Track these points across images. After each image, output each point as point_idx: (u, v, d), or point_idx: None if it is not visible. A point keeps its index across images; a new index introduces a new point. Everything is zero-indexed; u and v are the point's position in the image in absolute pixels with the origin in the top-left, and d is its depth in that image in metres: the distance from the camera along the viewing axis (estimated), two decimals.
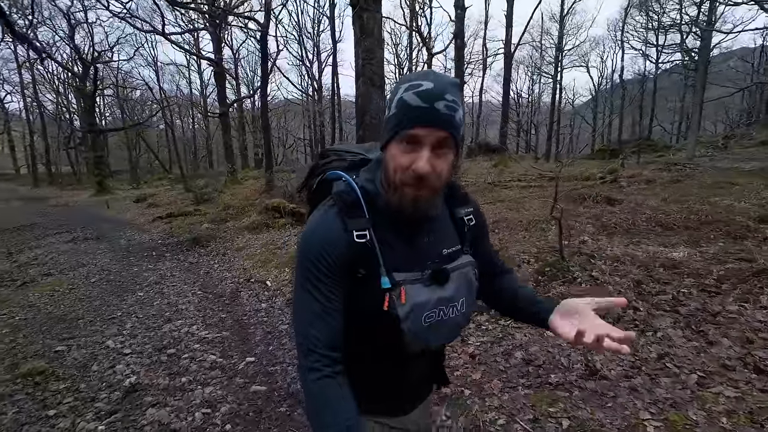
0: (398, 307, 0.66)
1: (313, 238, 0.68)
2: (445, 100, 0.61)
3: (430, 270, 0.70)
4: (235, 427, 1.85)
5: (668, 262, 3.35)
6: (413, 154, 0.62)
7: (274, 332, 3.07)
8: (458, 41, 11.16)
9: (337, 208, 0.68)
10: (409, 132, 0.61)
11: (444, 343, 0.78)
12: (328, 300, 0.66)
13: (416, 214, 0.68)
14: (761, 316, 2.21)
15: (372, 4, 4.80)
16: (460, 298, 0.73)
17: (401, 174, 0.64)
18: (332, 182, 0.74)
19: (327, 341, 0.65)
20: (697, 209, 6.16)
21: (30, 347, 2.87)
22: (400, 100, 0.62)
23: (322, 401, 0.64)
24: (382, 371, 0.76)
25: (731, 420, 1.45)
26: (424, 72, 0.65)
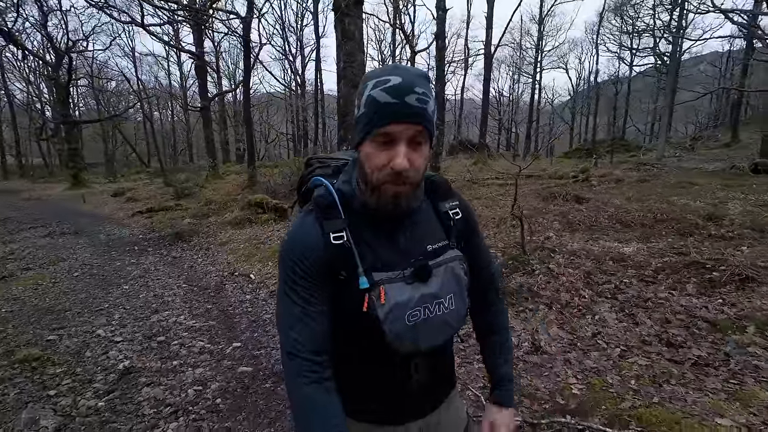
0: (378, 307, 0.65)
1: (291, 243, 0.68)
2: (415, 93, 0.60)
3: (412, 267, 0.69)
4: (225, 401, 2.08)
5: (618, 256, 3.73)
6: (389, 151, 0.62)
7: (258, 321, 3.29)
8: (439, 42, 11.44)
9: (314, 214, 0.69)
10: (382, 129, 0.60)
11: (436, 343, 0.73)
12: (308, 303, 0.66)
13: (396, 210, 0.68)
14: (684, 302, 2.58)
15: (353, 9, 5.01)
16: (447, 295, 0.71)
17: (378, 172, 0.63)
18: (314, 189, 0.75)
19: (310, 345, 0.65)
20: (656, 208, 6.65)
21: (21, 336, 3.00)
22: (369, 97, 0.61)
23: (308, 408, 0.64)
24: (371, 374, 0.74)
25: (638, 382, 1.79)
26: (390, 66, 0.63)
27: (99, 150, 28.05)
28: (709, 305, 2.48)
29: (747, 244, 4.22)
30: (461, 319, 0.74)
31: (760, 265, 3.10)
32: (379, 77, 0.61)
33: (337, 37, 5.21)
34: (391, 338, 0.66)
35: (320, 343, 0.66)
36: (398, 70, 0.62)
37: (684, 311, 2.39)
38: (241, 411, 1.99)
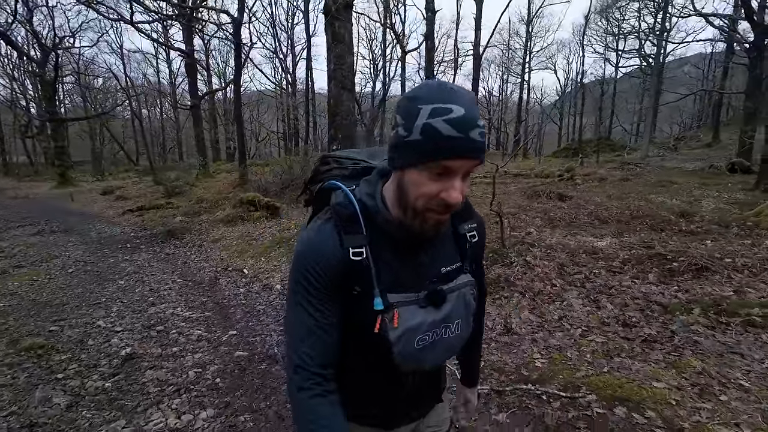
0: (389, 330, 0.65)
1: (308, 252, 0.66)
2: (478, 126, 0.58)
3: (426, 291, 0.68)
4: (223, 380, 2.27)
5: (591, 249, 3.99)
6: (442, 182, 0.59)
7: (252, 312, 3.46)
8: (429, 43, 11.67)
9: (333, 222, 0.67)
10: (443, 163, 0.57)
11: (437, 364, 0.75)
12: (322, 315, 0.65)
13: (437, 234, 0.68)
14: (644, 289, 2.84)
15: (343, 13, 5.18)
16: (456, 320, 0.71)
17: (426, 201, 0.61)
18: (331, 192, 0.73)
19: (319, 359, 0.65)
20: (633, 205, 6.98)
21: (23, 328, 3.13)
22: (428, 126, 0.56)
23: (313, 421, 0.63)
24: (374, 385, 0.75)
25: (593, 356, 2.02)
26: (445, 89, 0.58)
27: (85, 148, 27.67)
28: (666, 291, 2.74)
29: (711, 238, 4.53)
30: (464, 342, 0.75)
31: (716, 256, 3.38)
32: (437, 104, 0.56)
33: (327, 39, 5.39)
34: (399, 360, 0.66)
35: (329, 356, 0.66)
36: (457, 97, 0.57)
37: (642, 297, 2.65)
38: (239, 389, 2.17)
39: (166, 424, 1.85)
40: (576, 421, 1.54)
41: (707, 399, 1.59)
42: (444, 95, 0.57)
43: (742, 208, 6.39)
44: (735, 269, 3.04)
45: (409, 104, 0.59)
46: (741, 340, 2.02)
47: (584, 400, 1.65)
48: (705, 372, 1.75)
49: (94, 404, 2.04)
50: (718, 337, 2.06)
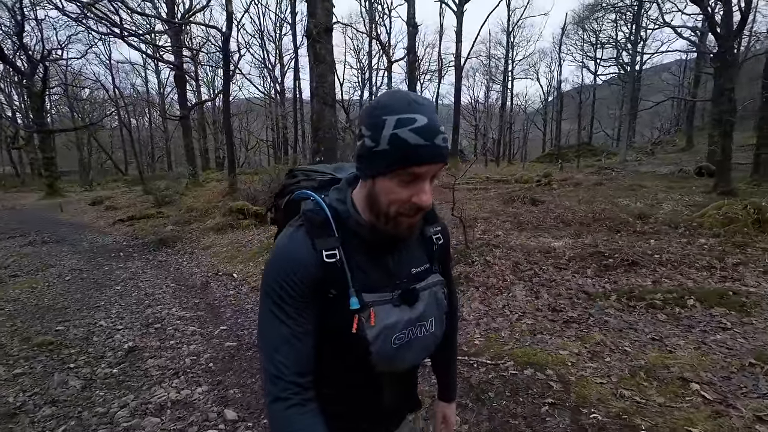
0: (367, 329, 0.66)
1: (281, 258, 0.67)
2: (441, 133, 0.61)
3: (399, 290, 0.70)
4: (216, 364, 2.64)
5: (547, 249, 4.46)
6: (412, 187, 0.62)
7: (241, 310, 3.83)
8: (410, 56, 12.22)
9: (305, 228, 0.68)
10: (412, 170, 0.61)
11: (413, 364, 0.77)
12: (296, 323, 0.65)
13: (409, 237, 0.71)
14: (580, 281, 3.30)
15: (324, 37, 5.63)
16: (430, 318, 0.73)
17: (399, 206, 0.64)
18: (300, 202, 0.74)
19: (295, 367, 0.64)
20: (599, 209, 7.50)
21: (31, 329, 3.45)
22: (395, 137, 0.60)
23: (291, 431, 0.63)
24: (353, 390, 0.76)
25: (521, 335, 2.46)
26: (406, 100, 0.62)
27: (72, 158, 27.59)
28: (597, 283, 3.21)
29: (656, 237, 5.05)
30: (438, 340, 0.77)
31: (648, 253, 3.88)
32: (402, 115, 0.60)
33: (310, 60, 5.83)
34: (376, 359, 0.67)
35: (305, 364, 0.66)
36: (419, 107, 0.61)
37: (576, 288, 3.11)
38: (229, 370, 2.56)
39: (168, 397, 2.22)
40: (494, 380, 1.97)
41: (595, 361, 2.03)
42: (406, 106, 0.61)
43: (695, 209, 6.95)
44: (660, 264, 3.53)
45: (374, 115, 0.62)
46: (640, 319, 2.48)
47: (504, 365, 2.08)
48: (602, 342, 2.20)
49: (105, 385, 2.40)
50: (624, 317, 2.52)
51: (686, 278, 3.16)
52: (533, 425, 1.63)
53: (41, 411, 2.11)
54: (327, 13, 5.62)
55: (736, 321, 2.37)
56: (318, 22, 5.52)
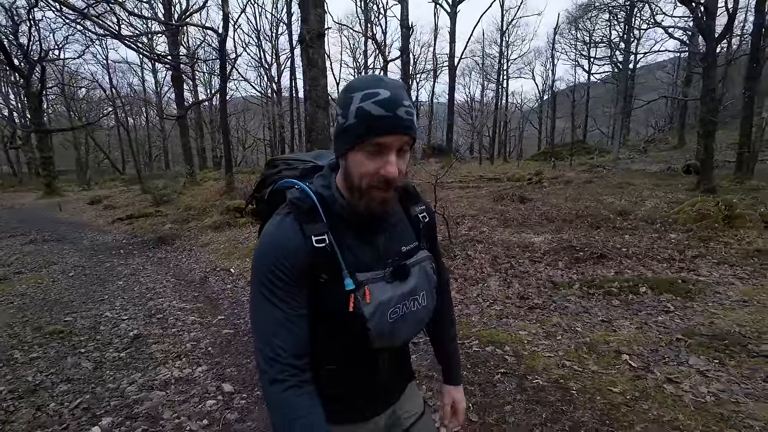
0: (363, 306, 0.67)
1: (271, 246, 0.68)
2: (404, 106, 0.64)
3: (391, 267, 0.72)
4: (214, 348, 2.90)
5: (526, 244, 4.74)
6: (379, 159, 0.64)
7: (238, 302, 4.09)
8: (404, 56, 12.47)
9: (293, 215, 0.70)
10: (375, 140, 0.63)
11: (408, 338, 0.79)
12: (290, 307, 0.66)
13: (383, 213, 0.72)
14: (551, 273, 3.58)
15: (316, 42, 5.88)
16: (421, 291, 0.76)
17: (369, 179, 0.66)
18: (285, 191, 0.75)
19: (292, 350, 0.65)
20: (583, 206, 7.77)
21: (41, 319, 3.70)
22: (360, 109, 0.63)
23: (289, 413, 0.63)
24: (349, 369, 0.78)
25: (489, 319, 2.73)
26: (372, 78, 0.66)
27: (69, 157, 27.69)
28: (566, 274, 3.48)
29: (631, 233, 5.33)
30: (431, 313, 0.80)
31: (616, 247, 4.16)
32: (365, 89, 0.64)
33: (303, 63, 6.07)
34: (374, 335, 0.69)
35: (301, 346, 0.67)
36: (382, 82, 0.65)
37: (546, 278, 3.38)
38: (226, 353, 2.82)
39: (171, 375, 2.48)
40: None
41: (549, 339, 2.30)
42: (372, 83, 0.64)
43: (676, 206, 7.22)
44: (626, 256, 3.81)
45: (345, 95, 0.66)
46: (597, 304, 2.76)
47: (469, 344, 2.35)
48: (558, 324, 2.47)
49: (114, 366, 2.66)
50: (582, 303, 2.79)
51: (647, 269, 3.44)
52: (486, 390, 1.90)
53: (58, 387, 2.37)
54: (319, 20, 5.86)
55: (680, 305, 2.65)
56: (311, 28, 5.76)
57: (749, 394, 1.67)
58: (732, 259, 3.56)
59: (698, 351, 2.00)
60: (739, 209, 5.65)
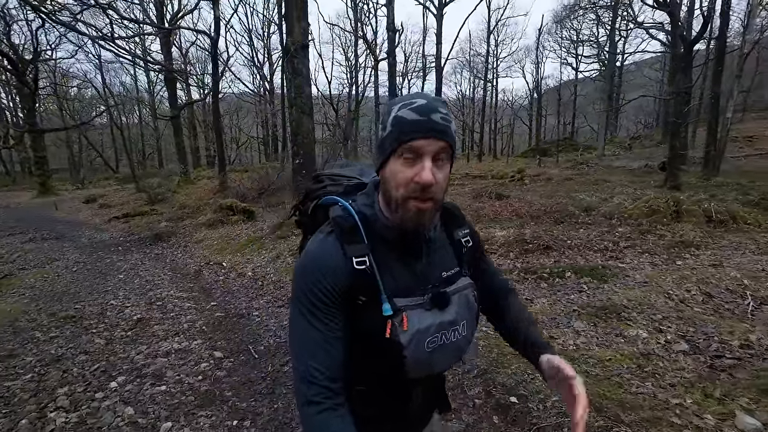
0: (400, 334, 0.66)
1: (312, 265, 0.68)
2: (439, 112, 0.64)
3: (430, 294, 0.70)
4: (208, 327, 3.42)
5: (487, 238, 5.27)
6: (415, 166, 0.64)
7: (229, 291, 4.60)
8: (390, 59, 12.91)
9: (335, 234, 0.70)
10: (409, 144, 0.63)
11: (444, 368, 0.77)
12: (328, 329, 0.66)
13: (420, 227, 0.70)
14: (500, 262, 4.12)
15: (300, 52, 6.35)
16: (462, 321, 0.74)
17: (405, 188, 0.65)
18: (328, 207, 0.75)
19: (328, 372, 0.65)
20: (555, 202, 8.30)
21: (53, 307, 4.17)
22: (396, 117, 0.65)
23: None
24: (385, 396, 0.77)
25: None
26: (413, 93, 0.69)
27: (62, 155, 27.85)
28: (513, 263, 4.03)
29: (586, 227, 5.89)
30: (468, 344, 0.78)
31: (562, 239, 4.71)
32: (404, 101, 0.66)
33: (288, 72, 6.55)
34: (410, 363, 0.68)
35: (337, 369, 0.67)
36: (422, 95, 0.67)
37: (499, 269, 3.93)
38: (218, 331, 3.33)
39: (171, 347, 2.99)
40: None
41: None
42: (411, 96, 0.67)
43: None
44: (569, 247, 4.36)
45: (387, 109, 0.69)
46: (527, 286, 3.30)
47: None
48: None
49: (122, 342, 3.16)
50: (516, 287, 3.33)
51: (582, 258, 3.99)
52: None
53: (78, 357, 2.87)
54: (303, 33, 6.33)
55: (594, 286, 3.19)
56: (295, 40, 6.24)
57: (600, 344, 2.23)
58: (656, 249, 4.13)
59: (583, 318, 2.54)
60: (685, 205, 6.23)
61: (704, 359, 1.97)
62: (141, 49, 19.98)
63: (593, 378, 1.95)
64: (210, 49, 12.98)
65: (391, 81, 12.88)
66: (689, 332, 2.26)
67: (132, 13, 15.89)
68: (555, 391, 0.78)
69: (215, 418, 2.04)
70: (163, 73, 15.87)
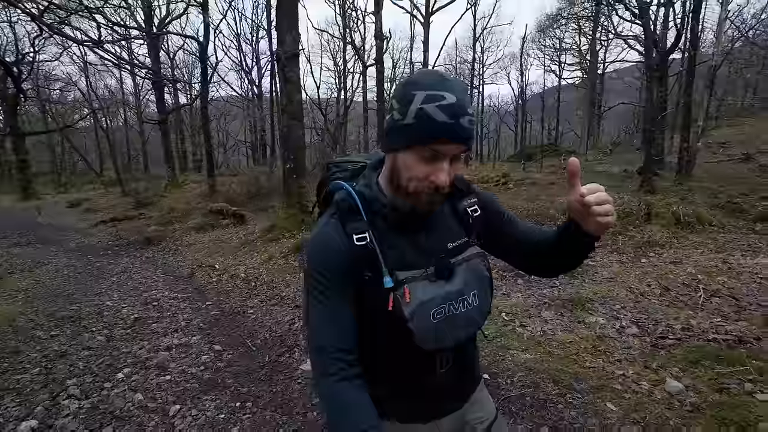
0: (403, 306, 0.68)
1: (316, 246, 0.72)
2: (468, 114, 0.63)
3: (434, 266, 0.72)
4: (205, 325, 3.58)
5: None
6: (432, 165, 0.64)
7: (223, 291, 4.76)
8: (379, 66, 13.22)
9: (337, 216, 0.73)
10: (432, 146, 0.62)
11: (461, 339, 0.76)
12: (337, 305, 0.69)
13: (430, 213, 0.73)
14: None
15: (291, 61, 6.57)
16: (471, 291, 0.74)
17: (417, 183, 0.66)
18: (334, 193, 0.78)
19: (340, 344, 0.68)
20: (537, 206, 8.65)
21: (51, 308, 4.26)
22: (422, 111, 0.61)
23: (340, 405, 0.66)
24: (399, 371, 0.78)
25: None
26: (437, 77, 0.64)
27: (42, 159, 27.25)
28: (493, 261, 4.30)
29: None
30: (484, 314, 0.78)
31: None
32: (430, 90, 0.62)
33: (279, 81, 6.76)
34: (418, 336, 0.69)
35: (350, 341, 0.69)
36: (450, 85, 0.62)
37: None
38: (215, 327, 3.51)
39: (172, 343, 3.16)
40: None
41: None
42: (438, 83, 0.63)
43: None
44: None
45: (405, 90, 0.65)
46: (505, 283, 3.57)
47: None
48: None
49: (123, 339, 3.31)
50: (495, 282, 3.61)
51: None
52: None
53: (81, 353, 3.01)
54: (294, 42, 6.55)
55: (565, 282, 3.49)
56: (286, 49, 6.46)
57: (563, 330, 2.52)
58: (624, 249, 4.46)
59: (552, 308, 2.83)
60: (656, 208, 6.65)
61: (650, 340, 2.27)
62: (127, 52, 19.83)
63: (555, 357, 2.23)
64: (198, 53, 13.06)
65: (379, 87, 13.17)
66: (641, 319, 2.56)
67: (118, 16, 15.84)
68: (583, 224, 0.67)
69: (219, 401, 2.23)
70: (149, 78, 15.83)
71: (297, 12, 6.63)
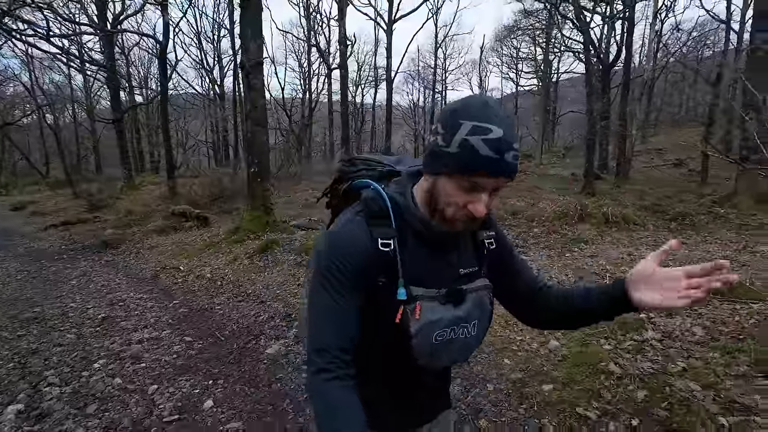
0: (411, 322, 0.68)
1: (338, 241, 0.71)
2: (513, 150, 0.62)
3: (446, 288, 0.72)
4: (174, 321, 3.81)
5: None
6: (470, 195, 0.64)
7: (189, 291, 4.95)
8: (343, 71, 13.59)
9: (363, 215, 0.72)
10: (474, 178, 0.63)
11: (452, 363, 0.81)
12: (346, 302, 0.69)
13: (458, 236, 0.75)
14: None
15: (255, 68, 6.81)
16: (473, 320, 0.75)
17: (454, 210, 0.66)
18: (359, 190, 0.77)
19: (341, 343, 0.68)
20: None
21: (11, 311, 4.27)
22: (467, 143, 0.61)
23: (332, 404, 0.66)
24: (393, 380, 0.80)
25: None
26: (484, 106, 0.63)
27: None
28: None
29: (508, 228, 6.91)
30: (479, 344, 0.81)
31: None
32: (476, 122, 0.61)
33: (243, 87, 6.97)
34: (416, 352, 0.71)
35: (349, 342, 0.69)
36: (497, 118, 0.62)
37: None
38: (184, 323, 3.75)
39: (143, 337, 3.38)
40: None
41: None
42: (485, 114, 0.62)
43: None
44: None
45: (451, 117, 0.64)
46: None
47: None
48: None
49: (93, 336, 3.48)
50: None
51: None
52: None
53: (53, 349, 3.17)
54: (259, 50, 6.79)
55: None
56: (251, 57, 6.69)
57: None
58: (555, 245, 5.15)
59: None
60: (590, 209, 7.51)
61: None
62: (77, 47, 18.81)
63: None
64: (156, 51, 12.78)
65: (343, 91, 13.55)
66: None
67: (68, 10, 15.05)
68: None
69: (193, 381, 2.54)
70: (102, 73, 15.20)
71: (261, 20, 6.87)
